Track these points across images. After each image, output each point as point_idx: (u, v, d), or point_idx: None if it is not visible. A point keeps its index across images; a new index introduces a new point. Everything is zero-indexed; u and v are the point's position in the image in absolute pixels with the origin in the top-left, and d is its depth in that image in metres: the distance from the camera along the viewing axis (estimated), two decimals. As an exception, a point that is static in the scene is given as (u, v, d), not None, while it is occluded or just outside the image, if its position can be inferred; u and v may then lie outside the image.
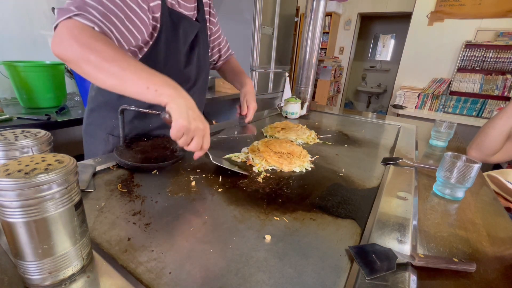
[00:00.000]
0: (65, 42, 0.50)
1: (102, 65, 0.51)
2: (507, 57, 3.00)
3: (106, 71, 0.51)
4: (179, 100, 0.53)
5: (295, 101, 1.32)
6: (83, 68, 0.52)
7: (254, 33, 2.33)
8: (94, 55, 0.50)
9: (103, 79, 0.52)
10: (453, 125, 1.01)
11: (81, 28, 0.51)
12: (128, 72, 0.52)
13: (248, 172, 0.70)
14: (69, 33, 0.50)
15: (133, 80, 0.52)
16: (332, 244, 0.45)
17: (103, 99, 0.79)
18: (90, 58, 0.50)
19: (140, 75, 0.52)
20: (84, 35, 0.51)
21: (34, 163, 0.30)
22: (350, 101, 5.84)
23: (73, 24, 0.51)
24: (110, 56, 0.51)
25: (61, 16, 0.51)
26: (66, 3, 0.53)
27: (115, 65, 0.51)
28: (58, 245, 0.32)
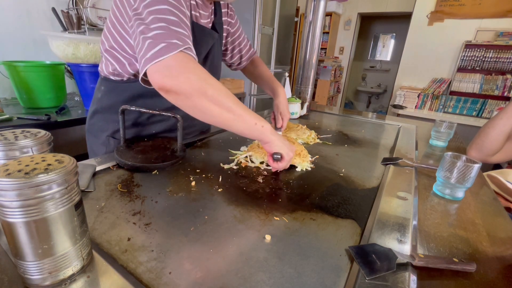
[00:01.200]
0: (181, 75, 0.51)
1: (219, 100, 0.53)
2: (507, 57, 3.00)
3: (222, 106, 0.54)
4: (276, 136, 0.62)
5: (295, 101, 1.32)
6: (197, 102, 0.53)
7: (254, 33, 2.33)
8: (212, 89, 0.52)
9: (217, 113, 0.54)
10: (453, 125, 1.01)
11: (194, 62, 0.53)
12: (239, 109, 0.56)
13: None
14: (184, 67, 0.52)
15: (243, 116, 0.56)
16: (332, 244, 0.45)
17: (109, 102, 0.78)
18: (208, 92, 0.52)
19: (247, 112, 0.57)
20: (199, 70, 0.53)
21: (34, 163, 0.30)
22: (350, 101, 5.84)
23: (183, 57, 0.52)
24: (224, 91, 0.54)
25: (171, 50, 0.51)
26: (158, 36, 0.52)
27: (229, 100, 0.54)
28: (58, 245, 0.32)
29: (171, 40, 0.52)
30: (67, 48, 1.27)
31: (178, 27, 0.54)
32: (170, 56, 0.51)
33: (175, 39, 0.52)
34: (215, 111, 0.54)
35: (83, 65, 1.35)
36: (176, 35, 0.53)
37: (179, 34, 0.54)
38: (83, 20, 1.65)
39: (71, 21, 1.63)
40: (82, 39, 1.29)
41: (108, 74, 0.75)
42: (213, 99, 0.53)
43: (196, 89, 0.52)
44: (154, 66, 0.52)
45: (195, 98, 0.53)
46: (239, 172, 0.69)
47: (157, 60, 0.51)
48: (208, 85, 0.52)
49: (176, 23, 0.54)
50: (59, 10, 1.63)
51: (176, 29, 0.54)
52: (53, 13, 1.62)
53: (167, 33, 0.53)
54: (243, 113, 0.56)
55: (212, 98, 0.53)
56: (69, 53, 1.28)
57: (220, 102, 0.54)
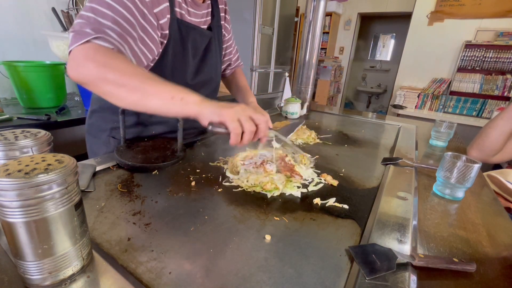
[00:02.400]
0: (80, 65, 0.50)
1: (121, 81, 0.50)
2: (507, 57, 3.00)
3: (126, 86, 0.50)
4: (205, 104, 0.51)
5: (295, 101, 1.32)
6: (102, 88, 0.51)
7: (254, 33, 2.33)
8: (112, 73, 0.49)
9: (124, 95, 0.51)
10: (453, 125, 1.01)
11: (96, 49, 0.50)
12: (150, 85, 0.50)
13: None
14: (84, 56, 0.49)
15: (156, 93, 0.50)
16: (332, 244, 0.45)
17: (106, 101, 0.78)
18: (108, 76, 0.49)
19: (162, 87, 0.51)
20: (99, 55, 0.50)
21: (34, 163, 0.30)
22: (350, 101, 5.84)
23: (89, 46, 0.50)
24: (128, 71, 0.50)
25: (79, 40, 0.49)
26: (78, 24, 0.51)
27: (134, 79, 0.50)
28: (58, 245, 0.32)
29: (83, 29, 0.50)
30: (67, 48, 1.27)
31: (107, 19, 0.52)
32: (76, 47, 0.50)
33: (87, 28, 0.50)
34: (122, 93, 0.50)
35: (83, 65, 1.34)
36: (93, 25, 0.51)
37: (101, 25, 0.51)
38: (83, 20, 1.64)
39: (71, 21, 1.63)
40: (82, 39, 1.29)
41: None
42: (115, 82, 0.50)
43: (96, 76, 0.50)
44: (69, 57, 0.51)
45: (100, 85, 0.50)
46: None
47: (68, 50, 0.51)
48: (107, 69, 0.49)
49: (106, 16, 0.52)
50: (59, 10, 1.63)
51: (101, 20, 0.51)
52: (53, 13, 1.62)
53: (86, 23, 0.51)
54: (153, 89, 0.50)
55: (114, 81, 0.49)
56: (69, 53, 1.28)
57: (123, 83, 0.50)
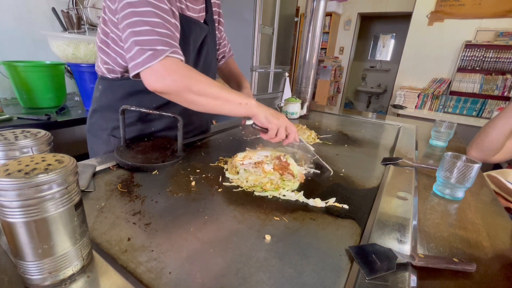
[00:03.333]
0: (166, 78, 0.58)
1: (203, 91, 0.61)
2: (507, 57, 3.00)
3: (207, 96, 0.62)
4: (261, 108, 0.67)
5: (295, 101, 1.32)
6: (186, 97, 0.61)
7: (254, 33, 2.33)
8: (196, 84, 0.60)
9: (205, 102, 0.62)
10: (453, 125, 1.01)
11: (175, 63, 0.59)
12: (223, 94, 0.63)
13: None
14: (167, 70, 0.58)
15: (229, 100, 0.64)
16: (332, 244, 0.45)
17: (107, 100, 0.79)
18: (193, 87, 0.60)
19: (230, 95, 0.64)
20: (183, 69, 0.60)
21: (34, 163, 0.30)
22: (350, 101, 5.84)
23: (168, 61, 0.58)
24: (207, 82, 0.62)
25: (158, 57, 0.57)
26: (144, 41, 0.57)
27: (213, 90, 0.62)
28: (58, 245, 0.32)
29: (156, 47, 0.57)
30: (67, 48, 1.27)
31: (162, 28, 0.59)
32: (156, 63, 0.57)
33: (160, 45, 0.57)
34: (203, 101, 0.62)
35: (83, 65, 1.35)
36: (161, 39, 0.58)
37: (164, 36, 0.59)
38: (83, 20, 1.65)
39: (71, 21, 1.63)
40: (82, 39, 1.29)
41: (103, 71, 0.76)
42: (198, 92, 0.61)
43: (182, 88, 0.60)
44: (144, 72, 0.58)
45: (184, 94, 0.61)
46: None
47: (146, 66, 0.57)
48: (192, 81, 0.60)
49: (160, 24, 0.59)
50: (59, 10, 1.64)
51: (161, 30, 0.58)
52: (53, 13, 1.62)
53: (153, 39, 0.57)
54: (227, 96, 0.64)
55: (198, 91, 0.61)
56: (69, 53, 1.28)
57: (205, 93, 0.61)
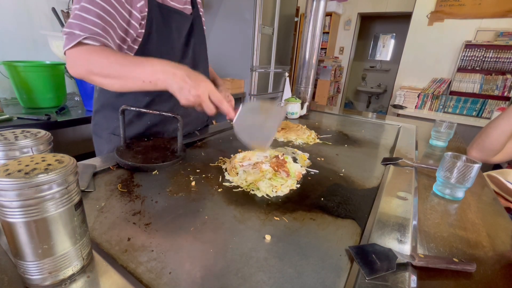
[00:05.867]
0: (74, 64, 0.61)
1: (105, 73, 0.60)
2: (507, 57, 3.00)
3: (110, 77, 0.60)
4: (170, 81, 0.58)
5: (295, 101, 1.32)
6: (93, 80, 0.62)
7: (254, 33, 2.33)
8: (96, 67, 0.59)
9: (111, 83, 0.61)
10: (453, 125, 1.01)
11: (85, 49, 0.59)
12: (124, 72, 0.59)
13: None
14: (76, 56, 0.60)
15: (130, 78, 0.59)
16: (332, 244, 0.45)
17: (104, 100, 0.82)
18: (94, 70, 0.60)
19: (133, 72, 0.59)
20: (87, 54, 0.59)
21: (34, 163, 0.30)
22: (350, 101, 5.84)
23: (79, 48, 0.59)
24: (107, 64, 0.59)
25: (71, 42, 0.58)
26: (69, 24, 0.59)
27: (114, 70, 0.59)
28: (58, 245, 0.32)
29: (73, 30, 0.58)
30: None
31: (89, 13, 0.59)
32: (69, 49, 0.59)
33: (77, 29, 0.58)
34: (108, 82, 0.61)
35: (83, 65, 1.34)
36: (80, 24, 0.59)
37: (85, 21, 0.59)
38: (83, 20, 1.64)
39: (71, 21, 1.63)
40: (82, 39, 1.29)
41: None
42: (100, 74, 0.60)
43: (86, 72, 0.60)
44: (66, 56, 0.61)
45: (91, 78, 0.61)
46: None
47: (64, 49, 0.60)
48: (91, 65, 0.59)
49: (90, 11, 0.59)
50: (59, 10, 1.63)
51: (86, 16, 0.59)
52: (53, 13, 1.62)
53: (74, 23, 0.59)
54: (128, 73, 0.59)
55: (100, 73, 0.60)
56: (69, 53, 1.28)
57: (107, 74, 0.60)
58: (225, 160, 0.75)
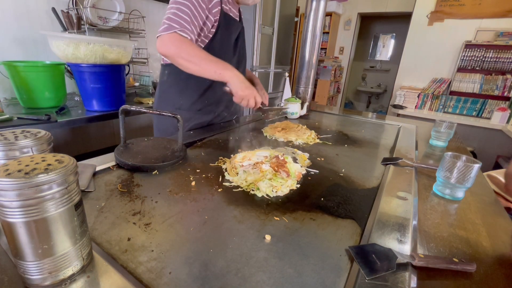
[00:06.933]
0: (168, 45, 0.81)
1: (189, 59, 0.83)
2: (507, 57, 3.00)
3: (191, 62, 0.83)
4: (234, 79, 0.86)
5: (295, 101, 1.32)
6: (177, 61, 0.84)
7: (254, 33, 2.33)
8: (184, 53, 0.82)
9: (189, 67, 0.84)
10: (453, 125, 1.01)
11: (177, 37, 0.82)
12: (204, 63, 0.84)
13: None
14: (169, 40, 0.81)
15: (206, 68, 0.85)
16: (332, 244, 0.45)
17: (172, 81, 1.02)
18: (182, 54, 0.82)
19: (210, 64, 0.85)
20: (179, 41, 0.82)
21: (34, 163, 0.30)
22: (350, 101, 5.84)
23: (173, 35, 0.81)
24: (193, 53, 0.83)
25: (168, 30, 0.80)
26: (168, 18, 0.81)
27: (197, 59, 0.83)
28: (58, 245, 0.32)
29: (172, 23, 0.81)
30: (67, 48, 1.27)
31: (184, 14, 0.82)
32: (165, 34, 0.81)
33: (174, 22, 0.81)
34: (189, 66, 0.84)
35: (83, 65, 1.34)
36: (177, 19, 0.81)
37: (181, 18, 0.82)
38: (83, 20, 1.65)
39: (71, 21, 1.63)
40: (82, 39, 1.29)
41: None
42: (186, 59, 0.83)
43: (175, 53, 0.82)
44: (158, 38, 0.83)
45: (176, 59, 0.84)
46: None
47: (159, 34, 0.82)
48: (181, 51, 0.82)
49: (184, 11, 0.82)
50: (59, 10, 1.63)
51: (181, 14, 0.82)
52: (53, 13, 1.62)
53: (172, 18, 0.81)
54: (206, 65, 0.84)
55: (186, 58, 0.83)
56: (69, 53, 1.28)
57: (191, 60, 0.83)
58: (225, 160, 0.75)
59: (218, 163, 0.73)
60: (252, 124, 1.21)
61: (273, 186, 0.60)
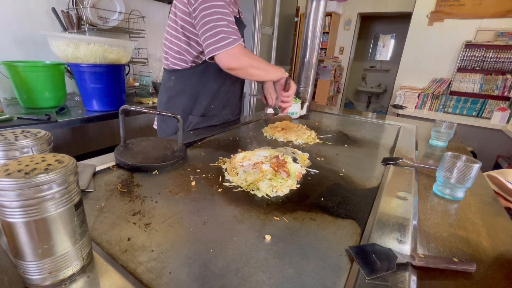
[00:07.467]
0: (240, 58, 0.86)
1: (259, 67, 0.92)
2: (507, 57, 3.00)
3: (261, 69, 0.93)
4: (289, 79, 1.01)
5: (295, 101, 1.32)
6: (250, 71, 0.91)
7: (254, 33, 2.33)
8: (255, 62, 0.91)
9: (259, 73, 0.94)
10: (453, 125, 1.01)
11: (242, 48, 0.87)
12: (268, 68, 0.96)
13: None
14: (240, 53, 0.86)
15: (270, 72, 0.97)
16: (332, 244, 0.45)
17: (181, 87, 1.03)
18: (254, 64, 0.91)
19: (272, 68, 0.97)
20: (246, 52, 0.88)
21: (34, 163, 0.30)
22: (350, 101, 5.84)
23: (239, 47, 0.85)
24: (260, 61, 0.93)
25: (234, 43, 0.83)
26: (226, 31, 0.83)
27: (263, 65, 0.94)
28: (58, 245, 0.32)
29: (234, 36, 0.84)
30: (67, 48, 1.27)
31: (233, 24, 0.86)
32: (233, 47, 0.84)
33: (235, 35, 0.85)
34: (257, 72, 0.93)
35: (83, 65, 1.34)
36: (234, 32, 0.85)
37: (235, 30, 0.86)
38: (83, 20, 1.65)
39: (71, 21, 1.63)
40: (82, 39, 1.29)
41: (176, 63, 1.00)
42: (257, 67, 0.92)
43: (249, 64, 0.89)
44: (224, 53, 0.84)
45: (248, 69, 0.90)
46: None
47: (226, 49, 0.83)
48: (253, 60, 0.90)
49: (232, 22, 0.86)
50: (59, 10, 1.63)
51: (233, 26, 0.86)
52: (53, 13, 1.62)
53: (231, 31, 0.84)
54: (270, 69, 0.97)
55: (257, 66, 0.91)
56: (69, 53, 1.28)
57: (260, 67, 0.93)
58: (225, 160, 0.75)
59: (218, 163, 0.73)
60: (252, 124, 1.21)
61: (273, 186, 0.60)
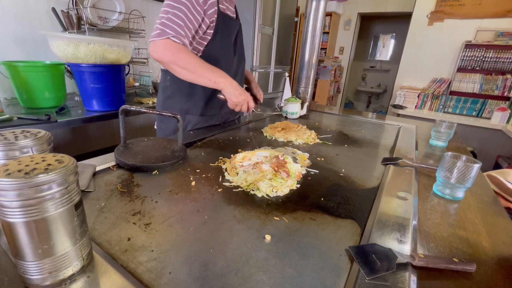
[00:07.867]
0: (161, 51, 0.81)
1: (185, 66, 0.83)
2: (507, 57, 3.00)
3: (187, 69, 0.84)
4: (228, 86, 0.88)
5: (295, 101, 1.32)
6: (172, 68, 0.84)
7: (254, 33, 2.33)
8: (179, 61, 0.82)
9: (185, 75, 0.85)
10: (453, 125, 1.01)
11: (171, 43, 0.81)
12: (199, 71, 0.85)
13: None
14: (163, 46, 0.80)
15: (201, 76, 0.86)
16: (332, 244, 0.45)
17: (177, 87, 1.01)
18: (177, 62, 0.83)
19: (205, 72, 0.86)
20: (173, 48, 0.81)
21: (34, 163, 0.30)
22: (350, 101, 5.84)
23: (167, 41, 0.80)
24: (190, 61, 0.83)
25: (162, 36, 0.79)
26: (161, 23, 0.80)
27: (193, 66, 0.84)
28: (58, 245, 0.32)
29: (166, 29, 0.79)
30: (67, 48, 1.27)
31: (178, 18, 0.80)
32: (160, 39, 0.79)
33: (168, 28, 0.79)
34: (183, 73, 0.85)
35: (83, 65, 1.35)
36: (171, 25, 0.80)
37: (175, 24, 0.80)
38: (83, 20, 1.65)
39: (71, 21, 1.63)
40: (82, 39, 1.29)
41: None
42: (182, 66, 0.83)
43: (171, 61, 0.82)
44: (151, 43, 0.81)
45: (171, 66, 0.84)
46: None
47: (152, 39, 0.80)
48: (177, 58, 0.82)
49: (178, 16, 0.80)
50: (59, 10, 1.64)
51: (175, 19, 0.80)
52: (53, 13, 1.62)
53: (167, 23, 0.80)
54: (201, 73, 0.85)
55: (181, 65, 0.83)
56: (69, 53, 1.28)
57: (186, 67, 0.83)
58: (225, 160, 0.75)
59: (218, 163, 0.73)
60: (252, 124, 1.21)
61: (273, 186, 0.60)
